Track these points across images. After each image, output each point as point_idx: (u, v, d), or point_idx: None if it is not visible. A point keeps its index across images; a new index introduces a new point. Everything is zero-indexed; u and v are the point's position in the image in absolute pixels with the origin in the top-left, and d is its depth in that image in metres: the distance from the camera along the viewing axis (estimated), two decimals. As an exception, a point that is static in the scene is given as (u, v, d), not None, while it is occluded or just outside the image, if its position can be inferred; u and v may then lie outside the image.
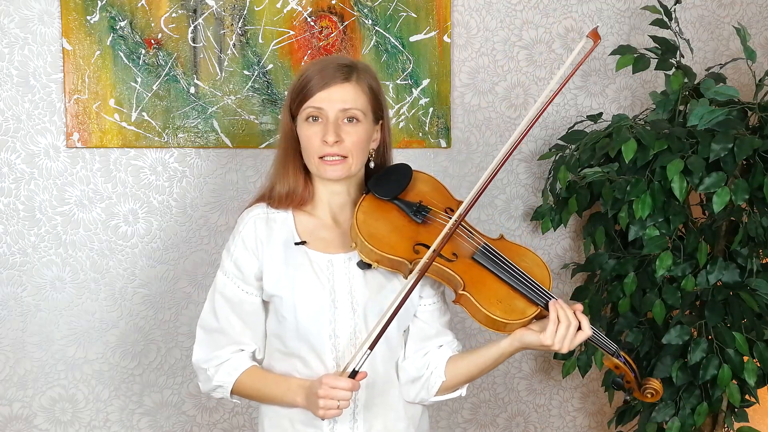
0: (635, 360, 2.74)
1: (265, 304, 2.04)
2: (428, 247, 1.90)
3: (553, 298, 1.93)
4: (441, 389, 2.04)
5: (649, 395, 2.03)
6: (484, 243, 1.98)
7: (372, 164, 2.05)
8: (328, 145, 1.93)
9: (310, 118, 1.96)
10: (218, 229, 2.79)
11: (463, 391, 2.07)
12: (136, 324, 2.78)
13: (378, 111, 2.02)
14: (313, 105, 1.94)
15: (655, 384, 2.03)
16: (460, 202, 2.02)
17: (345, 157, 1.96)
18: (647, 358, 2.78)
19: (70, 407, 2.76)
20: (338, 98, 1.94)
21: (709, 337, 2.64)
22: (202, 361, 2.04)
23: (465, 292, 1.91)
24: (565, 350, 1.89)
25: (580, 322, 1.91)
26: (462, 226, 1.99)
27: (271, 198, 2.04)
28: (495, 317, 1.90)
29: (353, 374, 1.85)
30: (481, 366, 2.00)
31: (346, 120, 1.95)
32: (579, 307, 1.94)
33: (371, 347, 1.85)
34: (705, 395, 2.70)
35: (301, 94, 1.96)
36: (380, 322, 1.86)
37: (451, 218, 1.96)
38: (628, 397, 2.06)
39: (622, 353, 2.00)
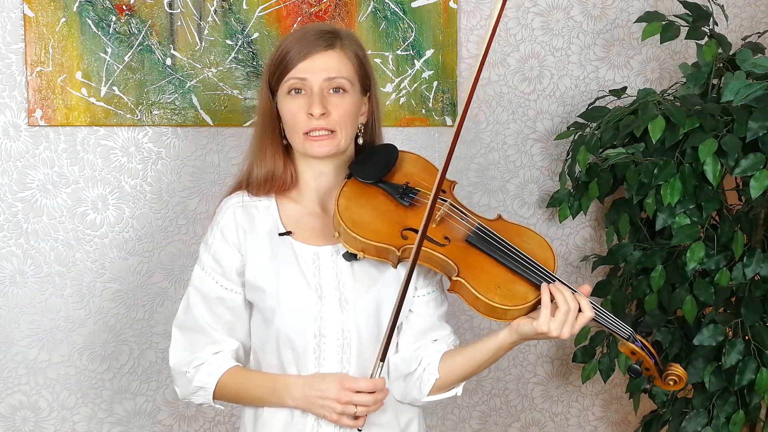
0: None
1: (248, 305, 2.07)
2: (417, 232, 1.91)
3: (558, 280, 1.94)
4: (434, 388, 2.03)
5: (671, 382, 2.03)
6: (479, 224, 2.00)
7: (360, 140, 2.08)
8: (315, 119, 1.95)
9: (293, 91, 1.99)
10: (197, 217, 2.80)
11: (458, 390, 2.06)
12: (105, 323, 2.78)
13: (365, 81, 2.06)
14: (295, 76, 1.97)
15: (677, 370, 2.02)
16: (453, 183, 2.08)
17: (333, 131, 1.98)
18: (677, 360, 2.77)
19: (32, 416, 2.75)
20: (322, 67, 1.97)
21: (746, 337, 2.63)
22: (182, 364, 2.05)
23: (460, 278, 1.92)
24: (565, 336, 1.88)
25: (579, 304, 1.90)
26: (454, 207, 2.01)
27: (249, 184, 2.07)
28: (494, 304, 1.90)
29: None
30: (479, 361, 1.99)
31: (332, 91, 1.98)
32: (585, 289, 1.94)
33: (382, 358, 1.91)
34: (741, 402, 2.70)
35: (281, 66, 1.99)
36: (387, 332, 1.92)
37: (443, 200, 2.00)
38: (647, 386, 2.07)
39: (638, 337, 2.00)
